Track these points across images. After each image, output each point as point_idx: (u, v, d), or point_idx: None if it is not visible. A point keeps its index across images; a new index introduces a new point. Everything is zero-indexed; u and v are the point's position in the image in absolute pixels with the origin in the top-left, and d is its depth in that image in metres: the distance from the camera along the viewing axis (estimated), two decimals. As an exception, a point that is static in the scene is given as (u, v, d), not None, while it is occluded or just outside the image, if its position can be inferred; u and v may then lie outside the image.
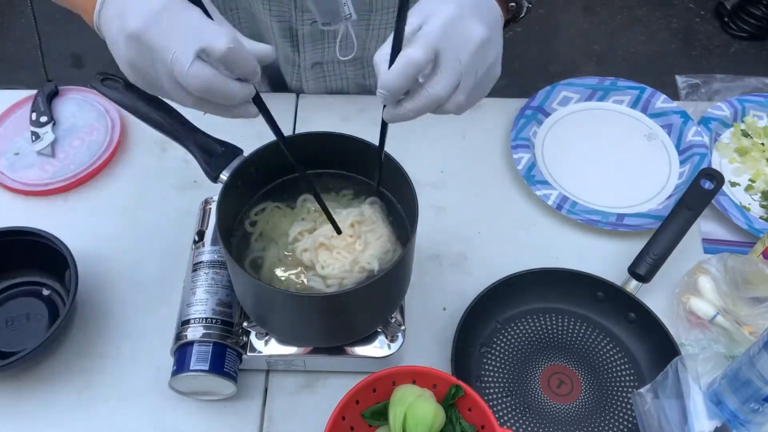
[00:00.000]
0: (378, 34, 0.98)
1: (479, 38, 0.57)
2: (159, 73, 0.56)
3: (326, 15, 0.84)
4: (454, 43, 0.55)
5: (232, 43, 0.54)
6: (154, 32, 0.54)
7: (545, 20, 2.66)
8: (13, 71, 2.39)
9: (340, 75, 1.07)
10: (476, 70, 0.58)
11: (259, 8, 0.93)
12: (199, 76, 0.54)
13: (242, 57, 0.55)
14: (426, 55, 0.54)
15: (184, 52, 0.54)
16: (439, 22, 0.55)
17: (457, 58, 0.55)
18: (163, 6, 0.54)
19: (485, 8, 0.60)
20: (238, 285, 0.75)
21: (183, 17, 0.54)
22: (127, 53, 0.56)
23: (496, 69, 0.61)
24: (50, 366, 0.83)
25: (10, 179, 0.99)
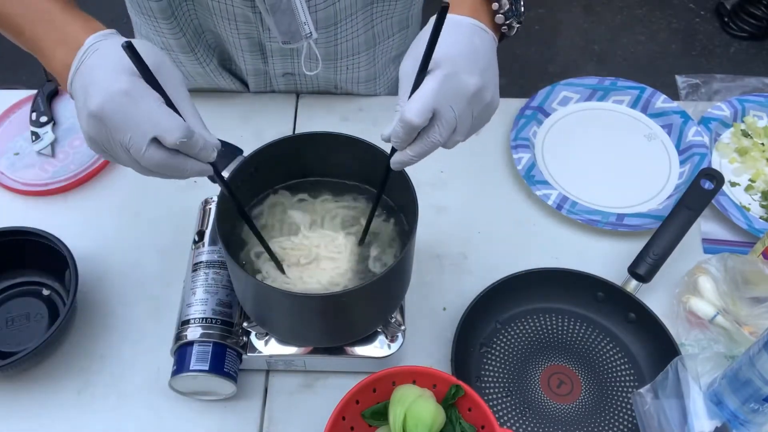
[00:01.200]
0: (346, 46, 0.98)
1: (473, 89, 0.62)
2: (116, 149, 0.60)
3: (286, 34, 0.85)
4: (448, 98, 0.61)
5: (184, 136, 0.57)
6: (113, 115, 0.57)
7: (545, 20, 2.66)
8: (13, 71, 2.39)
9: (310, 84, 1.07)
10: (472, 113, 0.64)
11: (225, 29, 0.94)
12: (153, 159, 0.58)
13: (198, 146, 0.59)
14: (423, 120, 0.60)
15: (139, 137, 0.57)
16: (434, 83, 0.60)
17: (451, 109, 0.61)
18: (123, 90, 0.57)
19: (479, 46, 0.64)
20: (238, 285, 0.75)
21: (141, 103, 0.57)
22: (87, 128, 0.60)
23: (493, 104, 0.66)
24: (50, 366, 0.83)
25: (10, 179, 0.99)
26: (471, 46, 0.63)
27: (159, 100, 0.58)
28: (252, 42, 0.96)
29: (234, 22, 0.92)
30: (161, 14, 0.91)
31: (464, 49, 0.63)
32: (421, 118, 0.59)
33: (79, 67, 0.61)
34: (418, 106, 0.60)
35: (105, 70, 0.59)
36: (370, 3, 0.93)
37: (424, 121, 0.60)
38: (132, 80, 0.57)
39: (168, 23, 0.93)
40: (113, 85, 0.57)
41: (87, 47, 0.61)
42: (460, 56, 0.62)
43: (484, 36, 0.66)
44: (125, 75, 0.58)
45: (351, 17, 0.93)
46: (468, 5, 0.66)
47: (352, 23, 0.94)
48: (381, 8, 0.95)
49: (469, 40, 0.64)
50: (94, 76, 0.59)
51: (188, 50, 0.98)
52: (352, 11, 0.92)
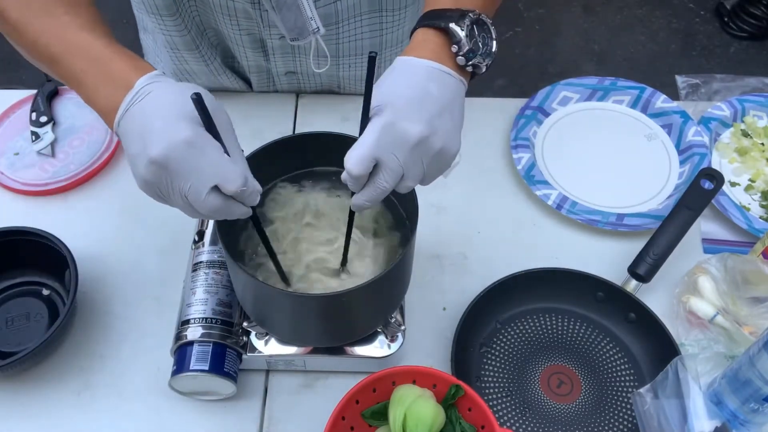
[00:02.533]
0: (349, 47, 0.98)
1: (416, 137, 0.60)
2: (173, 194, 0.60)
3: (293, 31, 0.84)
4: (389, 147, 0.60)
5: (243, 185, 0.59)
6: (176, 163, 0.58)
7: (545, 20, 2.66)
8: (13, 71, 2.39)
9: (313, 83, 1.07)
10: (422, 161, 0.62)
11: (227, 25, 0.94)
12: (210, 206, 0.59)
13: (249, 192, 0.61)
14: (363, 169, 0.60)
15: (201, 185, 0.58)
16: (373, 132, 0.60)
17: (394, 158, 0.60)
18: (187, 139, 0.57)
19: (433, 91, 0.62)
20: (238, 285, 0.75)
21: (204, 154, 0.58)
22: (145, 173, 0.59)
23: (446, 152, 0.63)
24: (50, 366, 0.83)
25: (10, 179, 0.99)
26: (421, 91, 0.62)
27: (220, 149, 0.59)
28: (253, 39, 0.96)
29: (235, 18, 0.92)
30: (166, 11, 0.91)
31: (412, 95, 0.61)
32: (358, 168, 0.60)
33: (129, 109, 0.60)
34: (356, 156, 0.60)
35: (164, 118, 0.58)
36: (378, 10, 0.93)
37: (365, 170, 0.60)
38: (194, 129, 0.58)
39: (173, 20, 0.92)
40: (176, 134, 0.57)
41: (138, 89, 0.61)
42: (405, 103, 0.60)
43: (443, 79, 0.64)
44: (187, 123, 0.58)
45: (354, 19, 0.93)
46: (430, 47, 0.65)
47: (356, 25, 0.94)
48: (391, 18, 0.95)
49: (421, 84, 0.62)
50: (151, 122, 0.59)
51: (193, 47, 0.98)
52: (355, 12, 0.92)
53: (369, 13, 0.93)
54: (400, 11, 0.94)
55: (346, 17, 0.92)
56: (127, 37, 0.65)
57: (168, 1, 0.90)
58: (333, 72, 1.03)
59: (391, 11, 0.93)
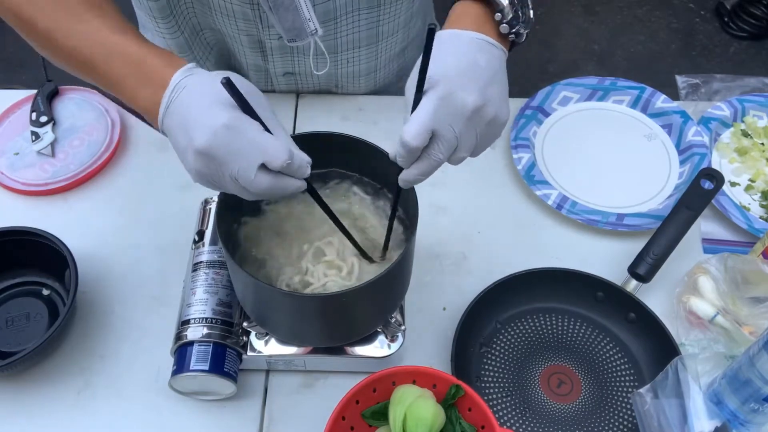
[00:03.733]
0: (347, 40, 0.97)
1: (471, 107, 0.61)
2: (225, 180, 0.61)
3: (291, 32, 0.84)
4: (446, 118, 0.61)
5: (289, 157, 0.59)
6: (220, 149, 0.58)
7: (545, 20, 2.66)
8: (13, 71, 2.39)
9: (311, 84, 1.07)
10: (475, 131, 0.63)
11: (226, 25, 0.94)
12: (262, 185, 0.60)
13: (297, 165, 0.61)
14: (421, 141, 0.60)
15: (248, 166, 0.59)
16: (430, 104, 0.60)
17: (451, 129, 0.61)
18: (226, 124, 0.58)
19: (480, 61, 0.63)
20: (238, 285, 0.75)
21: (245, 134, 0.58)
22: (195, 165, 0.60)
23: (498, 120, 0.64)
24: (50, 366, 0.83)
25: (10, 179, 0.99)
26: (470, 62, 0.63)
27: (259, 128, 0.59)
28: (252, 39, 0.96)
29: (233, 19, 0.92)
30: (159, 13, 0.91)
31: (463, 66, 0.62)
32: (417, 140, 0.60)
33: (169, 106, 0.61)
34: (415, 128, 0.60)
35: (201, 108, 0.59)
36: (376, 6, 0.93)
37: (422, 142, 0.60)
38: (231, 113, 0.58)
39: (165, 22, 0.93)
40: (215, 121, 0.58)
41: (174, 85, 0.61)
42: (457, 74, 0.61)
43: (488, 49, 0.65)
44: (223, 109, 0.58)
45: (352, 14, 0.93)
46: (471, 18, 0.66)
47: (353, 19, 0.94)
48: (388, 10, 0.95)
49: (469, 55, 0.63)
50: (191, 114, 0.59)
51: (185, 49, 0.98)
52: (353, 8, 0.92)
53: (368, 8, 0.93)
54: (397, 3, 0.94)
55: (344, 12, 0.92)
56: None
57: (162, 4, 0.90)
58: (331, 70, 1.03)
59: (388, 4, 0.94)
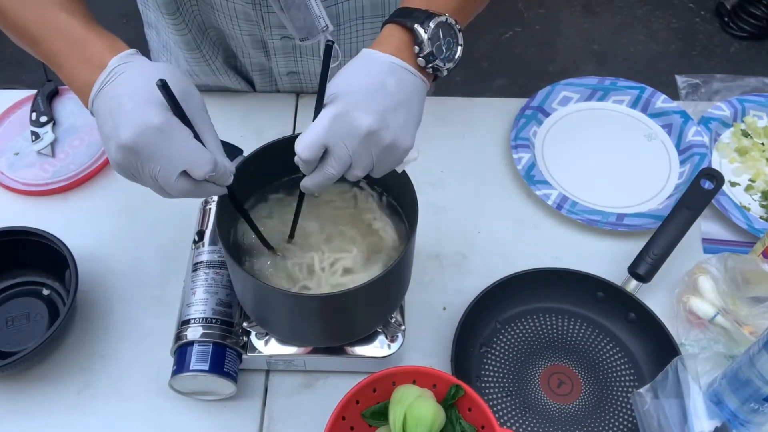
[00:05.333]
0: (351, 48, 0.98)
1: (365, 129, 0.61)
2: (144, 176, 0.61)
3: (302, 30, 0.84)
4: (339, 135, 0.61)
5: (212, 169, 0.60)
6: (145, 148, 0.59)
7: (545, 20, 2.66)
8: (13, 71, 2.39)
9: (315, 83, 1.07)
10: (371, 153, 0.63)
11: (228, 25, 0.94)
12: (181, 189, 0.61)
13: (220, 174, 0.62)
14: (311, 154, 0.61)
15: (170, 170, 0.59)
16: (325, 119, 0.61)
17: (343, 146, 0.62)
18: (156, 125, 0.58)
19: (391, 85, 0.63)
20: (238, 285, 0.75)
21: (173, 139, 0.59)
22: (116, 156, 0.61)
23: (397, 147, 0.64)
24: (50, 366, 0.83)
25: (10, 179, 0.99)
26: (378, 84, 0.62)
27: (189, 134, 0.60)
28: (254, 39, 0.97)
29: (236, 19, 0.92)
30: (166, 9, 0.91)
31: (368, 87, 0.62)
32: (306, 152, 0.61)
33: (103, 89, 0.61)
34: (306, 141, 0.61)
35: (134, 101, 0.59)
36: (380, 15, 0.93)
37: (313, 155, 0.61)
38: (163, 114, 0.58)
39: (173, 19, 0.93)
40: (145, 120, 0.58)
41: (111, 69, 0.61)
42: (359, 93, 0.61)
43: (402, 75, 0.64)
44: (156, 109, 0.58)
45: (356, 21, 0.93)
46: (395, 43, 0.65)
47: (357, 27, 0.94)
48: None
49: (380, 78, 0.63)
50: (122, 105, 0.59)
51: (194, 47, 0.98)
52: (357, 15, 0.92)
53: (372, 17, 0.93)
54: None
55: (347, 19, 0.92)
56: (127, 37, 0.65)
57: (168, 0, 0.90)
58: (334, 73, 1.03)
59: None
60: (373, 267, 0.75)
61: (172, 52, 1.03)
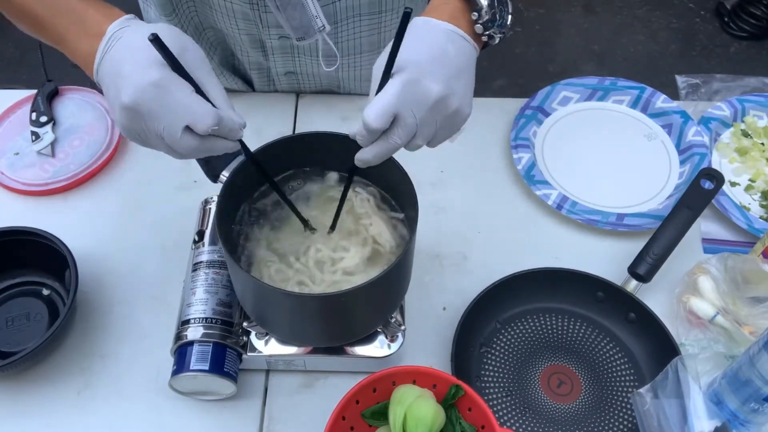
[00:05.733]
0: (348, 45, 0.97)
1: (435, 96, 0.61)
2: (151, 137, 0.61)
3: (299, 30, 0.84)
4: (409, 103, 0.61)
5: (215, 123, 0.60)
6: (146, 106, 0.59)
7: (545, 20, 2.66)
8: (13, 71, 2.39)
9: (313, 84, 1.07)
10: (435, 120, 0.63)
11: (226, 24, 0.94)
12: (188, 145, 0.61)
13: (227, 128, 0.61)
14: (382, 123, 0.60)
15: (173, 126, 0.59)
16: (395, 87, 0.60)
17: (412, 115, 0.61)
18: (154, 82, 0.58)
19: (451, 52, 0.63)
20: (238, 285, 0.75)
21: (172, 94, 0.59)
22: (122, 119, 0.61)
23: (460, 113, 0.65)
24: (50, 366, 0.83)
25: (10, 179, 0.99)
26: (441, 52, 0.63)
27: (188, 88, 0.59)
28: (253, 39, 0.97)
29: (234, 18, 0.92)
30: (162, 10, 0.91)
31: (433, 54, 0.62)
32: (378, 121, 0.60)
33: (104, 57, 0.62)
34: (377, 110, 0.60)
35: (133, 63, 0.59)
36: (378, 12, 0.93)
37: (383, 124, 0.61)
38: (161, 71, 0.58)
39: (169, 19, 0.93)
40: (143, 78, 0.58)
41: (110, 36, 0.62)
42: (426, 61, 0.61)
43: (461, 43, 0.65)
44: (154, 66, 0.58)
45: (353, 18, 0.93)
46: (448, 11, 0.66)
47: (355, 24, 0.94)
48: (389, 17, 0.95)
49: (441, 45, 0.63)
50: (122, 68, 0.60)
51: None
52: (354, 13, 0.92)
53: (369, 14, 0.93)
54: (399, 9, 0.94)
55: (345, 17, 0.92)
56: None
57: (164, 0, 0.90)
58: (333, 72, 1.03)
59: (390, 11, 0.94)
60: (373, 268, 0.75)
61: None
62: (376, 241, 0.76)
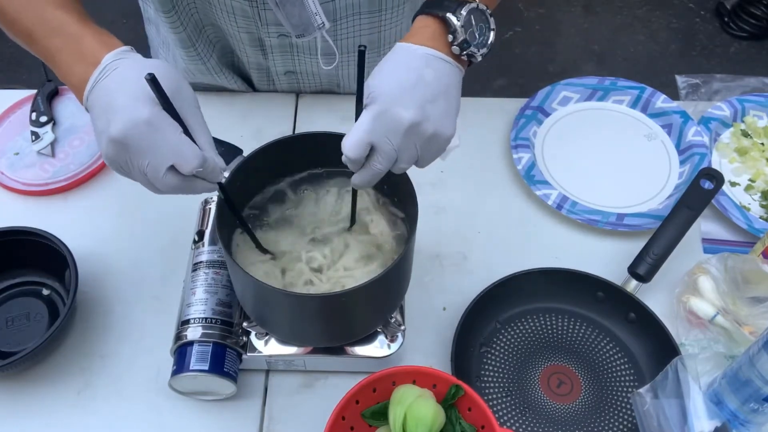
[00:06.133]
0: (347, 43, 0.97)
1: (406, 123, 0.62)
2: (134, 171, 0.62)
3: (298, 27, 0.84)
4: (383, 132, 0.62)
5: (200, 165, 0.61)
6: (134, 142, 0.60)
7: (545, 20, 2.66)
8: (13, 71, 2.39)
9: (313, 83, 1.07)
10: (414, 145, 0.64)
11: (226, 22, 0.94)
12: (169, 184, 0.62)
13: (209, 170, 0.62)
14: (357, 153, 0.62)
15: (158, 164, 0.60)
16: (367, 119, 0.62)
17: (388, 142, 0.63)
18: (145, 119, 0.59)
19: (428, 77, 0.64)
20: (238, 285, 0.75)
21: (162, 133, 0.59)
22: (107, 150, 0.62)
23: (440, 136, 0.65)
24: (50, 366, 0.83)
25: (10, 179, 0.99)
26: (415, 78, 0.63)
27: (178, 129, 0.60)
28: (252, 37, 0.97)
29: (233, 15, 0.92)
30: (162, 7, 0.91)
31: (405, 82, 0.63)
32: (353, 152, 0.62)
33: (96, 85, 0.62)
34: (352, 142, 0.62)
35: (126, 96, 0.60)
36: (378, 10, 0.93)
37: (359, 154, 0.62)
38: (153, 109, 0.59)
39: (168, 17, 0.93)
40: (135, 114, 0.59)
41: (104, 66, 0.62)
42: (398, 90, 0.62)
43: (440, 66, 0.65)
44: (146, 103, 0.59)
45: (353, 16, 0.93)
46: (428, 34, 0.66)
47: (354, 22, 0.94)
48: (389, 15, 0.95)
49: (417, 71, 0.64)
50: (114, 100, 0.60)
51: (188, 45, 0.98)
52: (354, 11, 0.92)
53: (369, 12, 0.93)
54: (399, 8, 0.94)
55: (344, 15, 0.92)
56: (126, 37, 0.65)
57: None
58: (332, 71, 1.03)
59: (390, 9, 0.94)
60: (373, 267, 0.75)
61: (170, 50, 1.03)
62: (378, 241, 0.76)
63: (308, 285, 0.74)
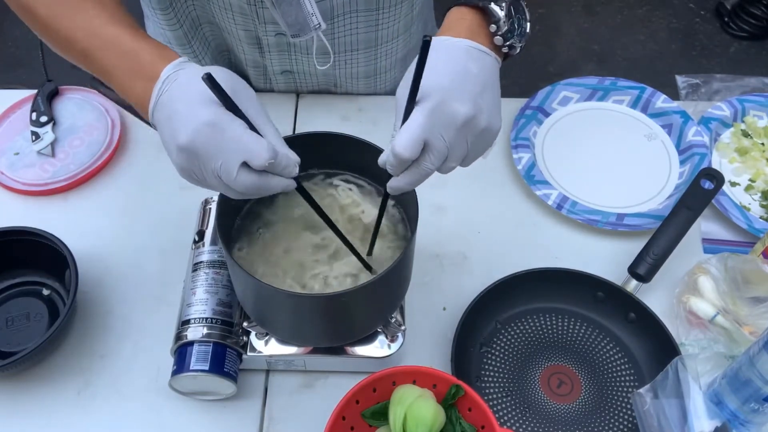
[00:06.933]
0: (344, 41, 0.97)
1: (462, 118, 0.61)
2: (208, 176, 0.61)
3: (294, 27, 0.84)
4: (438, 128, 0.60)
5: (271, 157, 0.59)
6: (201, 146, 0.58)
7: (545, 20, 2.66)
8: (13, 71, 2.39)
9: (310, 83, 1.07)
10: (466, 141, 0.63)
11: (224, 19, 0.94)
12: (245, 183, 0.60)
13: (283, 164, 0.61)
14: (412, 152, 0.60)
15: (229, 164, 0.59)
16: (422, 115, 0.60)
17: (442, 139, 0.61)
18: (208, 121, 0.58)
19: (473, 70, 0.63)
20: (238, 285, 0.75)
21: (227, 132, 0.58)
22: (178, 160, 0.61)
23: (490, 130, 0.64)
24: (50, 366, 0.83)
25: (10, 179, 0.99)
26: (463, 71, 0.62)
27: (243, 125, 0.59)
28: (249, 35, 0.97)
29: (231, 12, 0.92)
30: (158, 4, 0.91)
31: (455, 76, 0.62)
32: (409, 151, 0.60)
33: (159, 99, 0.61)
34: (407, 140, 0.59)
35: (187, 103, 0.59)
36: (375, 9, 0.93)
37: (414, 154, 0.60)
38: (215, 110, 0.58)
39: (165, 14, 0.93)
40: (198, 118, 0.58)
41: (164, 78, 0.62)
42: (450, 84, 0.61)
43: (482, 58, 0.64)
44: (208, 106, 0.58)
45: (350, 15, 0.93)
46: (465, 27, 0.65)
47: (351, 21, 0.94)
48: (387, 14, 0.95)
49: (462, 64, 0.63)
50: (176, 109, 0.60)
51: (184, 42, 0.98)
52: (350, 9, 0.92)
53: (366, 11, 0.93)
54: (396, 7, 0.94)
55: (341, 13, 0.92)
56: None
57: None
58: (329, 70, 1.03)
59: (387, 8, 0.93)
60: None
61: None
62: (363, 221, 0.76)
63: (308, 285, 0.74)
